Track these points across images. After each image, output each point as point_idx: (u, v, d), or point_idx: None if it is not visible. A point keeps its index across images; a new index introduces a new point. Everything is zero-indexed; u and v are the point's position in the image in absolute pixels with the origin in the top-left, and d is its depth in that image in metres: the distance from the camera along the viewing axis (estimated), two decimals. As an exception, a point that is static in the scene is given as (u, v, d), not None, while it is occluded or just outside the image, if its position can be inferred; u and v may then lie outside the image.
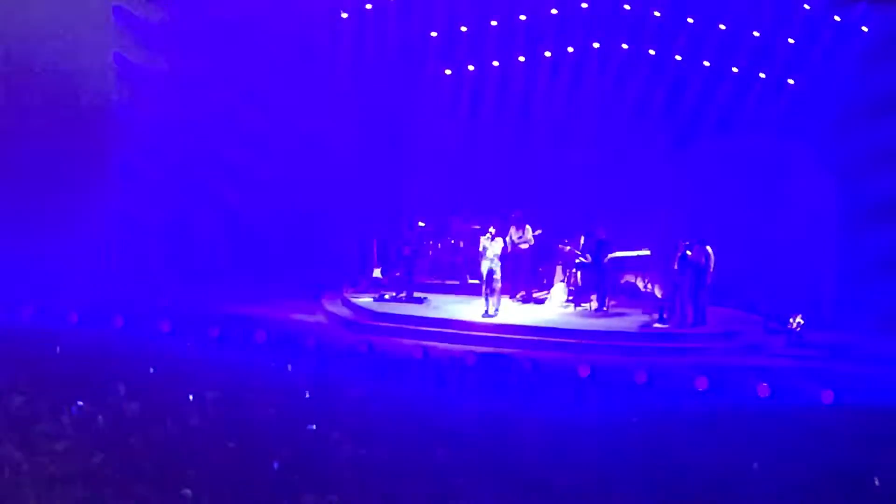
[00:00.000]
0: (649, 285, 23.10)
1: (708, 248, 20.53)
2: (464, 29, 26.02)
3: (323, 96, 26.96)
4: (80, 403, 13.34)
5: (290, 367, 16.22)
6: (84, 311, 20.34)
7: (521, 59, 25.93)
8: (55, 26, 22.45)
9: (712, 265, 20.62)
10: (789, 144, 23.50)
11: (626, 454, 12.24)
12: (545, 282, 23.61)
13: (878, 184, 22.17)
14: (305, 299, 23.96)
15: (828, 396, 16.25)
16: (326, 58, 26.84)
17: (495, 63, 26.18)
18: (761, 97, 23.94)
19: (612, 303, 22.35)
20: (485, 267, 21.16)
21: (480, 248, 21.45)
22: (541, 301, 22.95)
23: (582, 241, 22.55)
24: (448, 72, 26.67)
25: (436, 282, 24.47)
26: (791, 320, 21.12)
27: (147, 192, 23.91)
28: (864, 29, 22.56)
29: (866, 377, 18.11)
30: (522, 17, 25.57)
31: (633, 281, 23.53)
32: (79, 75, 22.63)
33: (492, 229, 21.35)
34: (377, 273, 23.62)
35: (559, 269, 23.17)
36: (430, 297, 23.23)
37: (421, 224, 25.10)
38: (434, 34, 26.29)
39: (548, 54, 25.74)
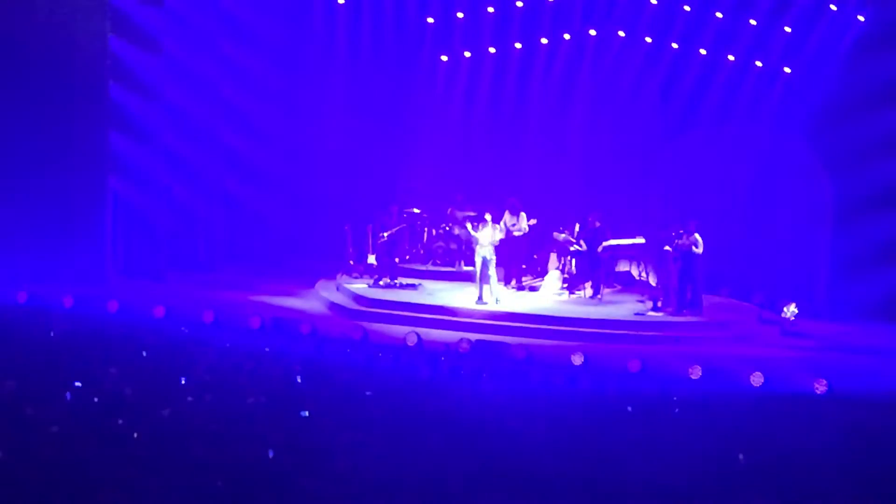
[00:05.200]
0: (644, 273, 23.13)
1: (696, 235, 20.51)
2: (460, 15, 26.03)
3: (319, 81, 26.97)
4: (76, 385, 13.35)
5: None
6: (79, 296, 20.32)
7: (518, 45, 25.92)
8: (49, 9, 22.39)
9: (700, 251, 20.55)
10: (784, 133, 23.51)
11: (620, 443, 12.26)
12: (539, 269, 23.62)
13: (872, 173, 22.17)
14: (300, 285, 23.97)
15: (821, 386, 16.27)
16: (323, 44, 26.86)
17: (491, 50, 26.17)
18: (757, 86, 23.94)
19: (607, 290, 22.37)
20: (479, 254, 21.14)
21: (474, 235, 21.39)
22: (535, 289, 22.95)
23: (577, 229, 22.55)
24: (444, 58, 26.67)
25: (430, 268, 24.48)
26: (785, 309, 21.15)
27: (143, 179, 23.86)
28: (861, 18, 22.54)
29: (860, 367, 18.15)
30: (519, 4, 25.55)
31: (627, 269, 23.56)
32: (75, 60, 22.55)
33: (488, 216, 21.33)
34: (371, 259, 23.61)
35: (554, 256, 23.18)
36: (425, 283, 23.25)
37: (415, 210, 25.12)
38: (430, 20, 26.28)
39: (544, 41, 25.72)
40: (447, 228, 24.86)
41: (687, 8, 24.14)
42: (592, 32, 25.30)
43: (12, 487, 9.87)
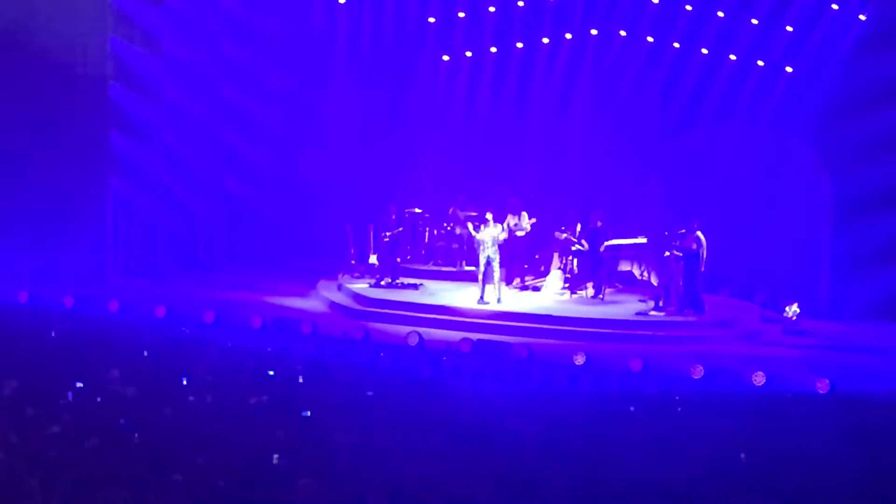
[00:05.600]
0: (645, 273, 23.09)
1: (699, 234, 20.48)
2: (461, 15, 25.98)
3: (320, 80, 26.96)
4: (78, 386, 13.34)
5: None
6: (79, 296, 20.32)
7: (519, 45, 25.89)
8: (51, 9, 22.41)
9: (704, 252, 20.55)
10: (786, 132, 23.47)
11: (622, 442, 12.24)
12: (542, 269, 23.59)
13: (874, 172, 22.12)
14: (301, 285, 23.95)
15: (823, 385, 16.26)
16: (323, 43, 26.84)
17: (493, 49, 26.14)
18: (758, 85, 23.90)
19: (609, 290, 22.34)
20: (483, 254, 21.11)
21: (476, 236, 21.36)
22: (537, 288, 22.93)
23: (578, 229, 22.53)
24: (446, 58, 26.64)
25: (432, 268, 24.45)
26: (787, 309, 21.13)
27: (143, 179, 23.86)
28: (863, 17, 22.51)
29: (862, 366, 18.14)
30: (521, 3, 25.52)
31: (629, 269, 23.53)
32: (76, 60, 22.57)
33: (489, 215, 21.31)
34: (373, 259, 23.59)
35: (555, 256, 23.15)
36: (426, 283, 23.22)
37: (417, 210, 25.08)
38: (432, 20, 26.25)
39: (545, 41, 25.70)
40: (449, 228, 24.83)
41: (688, 7, 24.09)
42: (594, 32, 25.26)
43: (13, 488, 9.85)
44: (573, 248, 22.43)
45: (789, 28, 23.26)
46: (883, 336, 20.64)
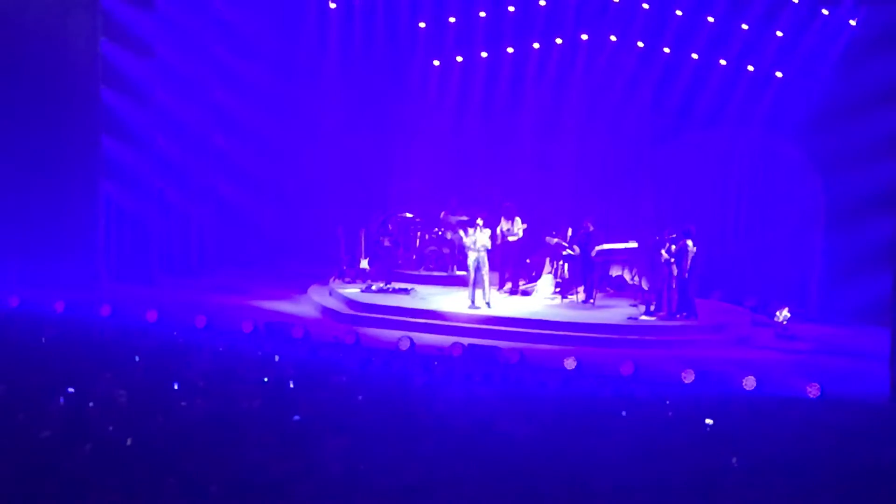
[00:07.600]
0: (636, 277, 23.12)
1: (689, 241, 20.50)
2: (452, 20, 25.99)
3: (312, 85, 26.98)
4: (69, 391, 13.32)
5: (277, 357, 16.10)
6: (71, 301, 20.29)
7: (510, 50, 25.92)
8: (41, 13, 22.41)
9: (690, 258, 20.55)
10: (776, 137, 23.53)
11: (613, 447, 12.25)
12: (534, 273, 23.60)
13: (864, 176, 22.17)
14: (293, 289, 23.94)
15: (814, 389, 16.30)
16: (315, 48, 26.85)
17: (484, 54, 26.17)
18: (749, 90, 23.95)
19: (600, 295, 22.36)
20: (472, 258, 21.13)
21: (466, 241, 21.39)
22: (528, 293, 22.94)
23: (569, 233, 22.55)
24: (436, 63, 26.67)
25: (423, 273, 24.46)
26: (777, 313, 21.18)
27: (135, 183, 23.83)
28: (852, 23, 22.57)
29: (852, 370, 18.17)
30: (511, 9, 25.55)
31: (620, 273, 23.57)
32: (66, 64, 22.56)
33: (479, 220, 21.33)
34: (364, 264, 23.60)
35: (547, 260, 23.17)
36: (417, 287, 23.22)
37: (408, 215, 25.10)
38: (422, 25, 26.27)
39: (536, 46, 25.73)
40: (440, 233, 24.84)
41: (679, 12, 24.14)
42: (584, 37, 25.29)
43: (2, 493, 9.84)
44: (564, 253, 22.45)
45: (779, 33, 23.31)
46: (873, 340, 20.64)
